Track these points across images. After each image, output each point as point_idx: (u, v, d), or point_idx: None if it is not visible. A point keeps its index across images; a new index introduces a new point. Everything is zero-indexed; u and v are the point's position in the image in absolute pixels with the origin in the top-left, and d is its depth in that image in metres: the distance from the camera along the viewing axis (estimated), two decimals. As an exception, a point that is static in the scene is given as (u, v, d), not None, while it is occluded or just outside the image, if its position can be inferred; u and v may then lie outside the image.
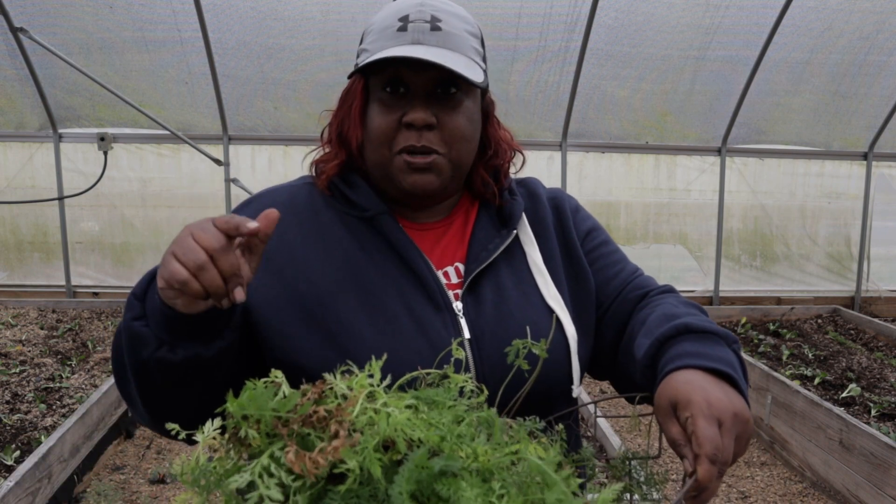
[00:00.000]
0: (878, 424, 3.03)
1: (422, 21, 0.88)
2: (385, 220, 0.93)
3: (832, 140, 5.41)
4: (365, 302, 0.88)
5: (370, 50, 0.89)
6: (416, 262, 0.91)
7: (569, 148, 5.23)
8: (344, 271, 0.90)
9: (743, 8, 4.53)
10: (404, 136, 0.89)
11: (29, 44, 4.24)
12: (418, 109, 0.87)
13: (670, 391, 0.73)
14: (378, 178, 0.95)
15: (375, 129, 0.90)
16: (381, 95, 0.90)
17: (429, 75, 0.87)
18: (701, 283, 5.58)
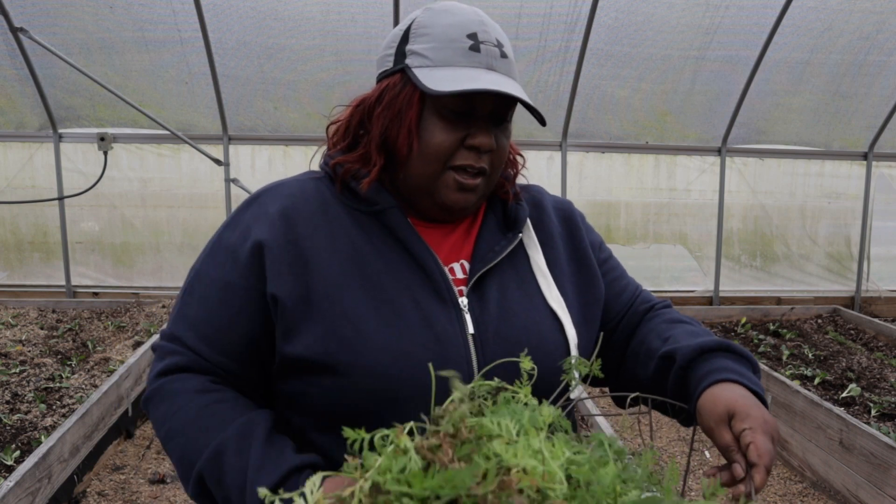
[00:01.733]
0: (878, 424, 3.03)
1: (491, 44, 0.90)
2: (394, 214, 0.93)
3: (832, 140, 5.41)
4: (372, 294, 0.88)
5: (432, 60, 0.88)
6: (424, 256, 0.92)
7: (569, 148, 5.23)
8: (351, 263, 0.89)
9: (743, 8, 4.53)
10: (463, 156, 0.90)
11: (29, 44, 4.24)
12: (485, 134, 0.89)
13: (728, 401, 0.81)
14: (416, 188, 0.94)
15: (436, 145, 0.89)
16: (444, 113, 0.89)
17: (495, 101, 0.90)
18: (701, 283, 5.58)
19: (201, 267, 0.95)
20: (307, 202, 0.94)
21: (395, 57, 0.93)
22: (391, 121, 0.91)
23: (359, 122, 0.96)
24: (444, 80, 0.85)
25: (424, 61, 0.89)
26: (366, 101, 0.95)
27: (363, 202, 0.94)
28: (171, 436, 0.88)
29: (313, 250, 0.89)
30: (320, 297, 0.87)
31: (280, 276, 0.87)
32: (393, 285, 0.89)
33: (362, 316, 0.86)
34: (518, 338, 0.90)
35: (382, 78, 0.95)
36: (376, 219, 0.93)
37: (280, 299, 0.87)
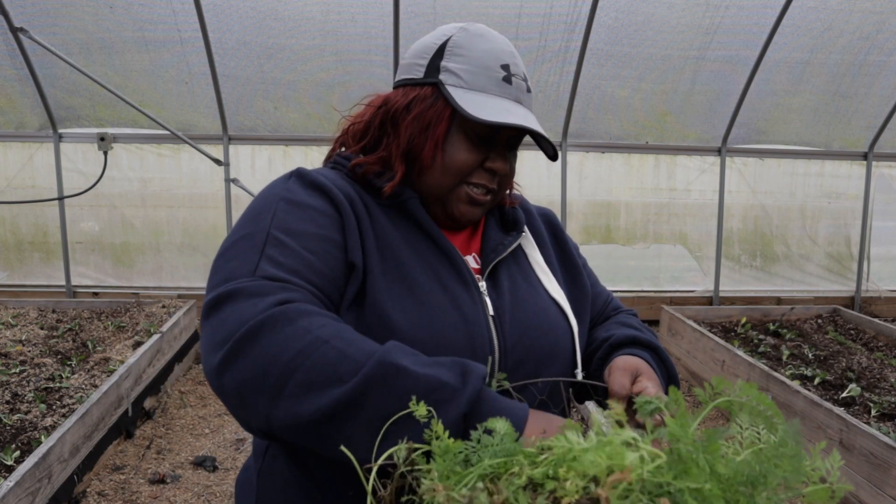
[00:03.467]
0: (878, 424, 3.03)
1: (520, 79, 1.00)
2: (415, 204, 0.98)
3: (832, 140, 5.41)
4: (403, 276, 0.92)
5: (467, 82, 0.95)
6: (446, 244, 0.98)
7: (569, 148, 5.23)
8: (384, 249, 0.94)
9: (743, 8, 4.53)
10: (479, 175, 0.98)
11: (29, 44, 4.25)
12: (503, 161, 0.99)
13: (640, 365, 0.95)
14: (427, 195, 1.00)
15: (459, 162, 0.96)
16: (471, 135, 0.96)
17: (515, 131, 0.99)
18: (701, 283, 5.58)
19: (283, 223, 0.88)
20: (349, 188, 0.98)
21: (427, 69, 0.97)
22: (419, 132, 0.96)
23: (380, 123, 1.00)
24: (479, 106, 0.92)
25: (459, 81, 0.95)
26: (390, 105, 0.99)
27: (389, 197, 0.99)
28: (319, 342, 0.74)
29: (365, 230, 0.93)
30: (367, 275, 0.91)
31: (356, 246, 0.91)
32: (422, 269, 0.93)
33: (398, 295, 0.90)
34: (531, 321, 0.97)
35: (407, 85, 0.99)
36: (398, 210, 0.99)
37: (357, 267, 0.89)
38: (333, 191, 0.94)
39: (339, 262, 0.89)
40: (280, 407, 0.72)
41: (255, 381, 0.72)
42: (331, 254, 0.88)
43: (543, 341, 0.97)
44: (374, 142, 1.01)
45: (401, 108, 0.97)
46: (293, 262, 0.84)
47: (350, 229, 0.91)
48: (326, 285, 0.86)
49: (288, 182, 0.95)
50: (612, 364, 0.95)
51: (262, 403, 0.73)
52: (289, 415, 0.72)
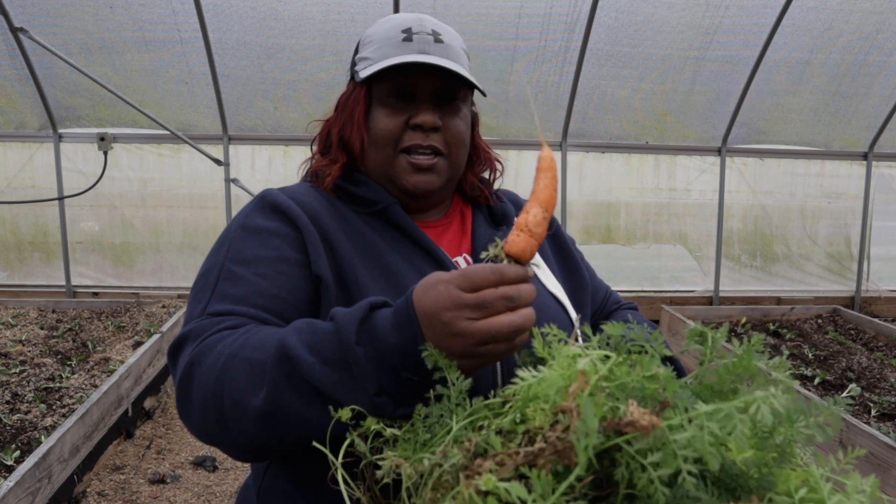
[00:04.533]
0: (878, 424, 3.03)
1: (425, 34, 0.97)
2: (397, 210, 0.99)
3: (832, 140, 5.41)
4: (394, 285, 0.92)
5: (373, 58, 0.97)
6: (433, 248, 0.98)
7: (569, 148, 5.23)
8: (369, 258, 0.94)
9: (743, 8, 4.53)
10: (410, 136, 0.96)
11: (29, 44, 4.24)
12: (427, 112, 0.96)
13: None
14: (379, 179, 1.01)
15: (382, 129, 0.96)
16: (387, 101, 0.97)
17: (435, 82, 0.96)
18: (701, 283, 5.58)
19: (238, 253, 0.93)
20: (317, 201, 0.99)
21: (351, 71, 1.04)
22: (345, 122, 1.02)
23: (327, 132, 1.07)
24: (376, 68, 0.94)
25: (367, 62, 0.98)
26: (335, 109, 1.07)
27: (365, 203, 1.00)
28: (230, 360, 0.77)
29: (337, 243, 0.94)
30: (351, 285, 0.91)
31: (320, 259, 0.91)
32: (411, 275, 0.93)
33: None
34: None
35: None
36: (379, 218, 0.99)
37: (324, 279, 0.90)
38: (291, 209, 0.95)
39: (298, 278, 0.91)
40: (233, 432, 0.77)
41: (204, 421, 0.79)
42: (286, 273, 0.91)
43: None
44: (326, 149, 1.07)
45: (337, 107, 1.06)
46: (242, 291, 0.88)
47: (312, 244, 0.92)
48: (278, 305, 0.89)
49: (250, 207, 0.99)
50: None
51: (222, 436, 0.79)
52: (243, 435, 0.77)
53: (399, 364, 0.70)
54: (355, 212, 1.00)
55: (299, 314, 0.89)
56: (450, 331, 0.67)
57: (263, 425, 0.75)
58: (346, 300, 0.90)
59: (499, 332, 0.66)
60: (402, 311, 0.71)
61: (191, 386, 0.80)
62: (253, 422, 0.75)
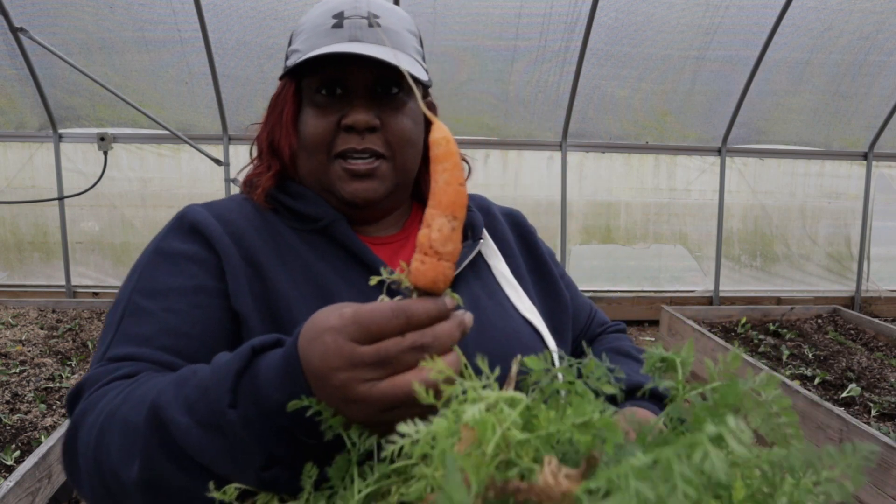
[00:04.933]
0: (878, 424, 3.03)
1: (358, 17, 0.83)
2: (341, 227, 0.86)
3: (832, 140, 5.41)
4: None
5: (302, 50, 0.84)
6: (380, 266, 0.82)
7: (569, 148, 5.23)
8: (309, 285, 0.81)
9: (743, 8, 4.53)
10: (343, 140, 0.83)
11: (29, 44, 4.24)
12: (360, 110, 0.82)
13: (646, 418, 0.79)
14: (316, 189, 0.89)
15: (311, 133, 0.84)
16: (316, 98, 0.84)
17: (369, 74, 0.83)
18: (701, 283, 5.58)
19: (148, 282, 0.80)
20: (247, 219, 0.86)
21: (285, 60, 0.91)
22: (274, 124, 0.89)
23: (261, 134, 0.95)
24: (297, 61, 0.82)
25: (298, 54, 0.84)
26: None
27: (306, 220, 0.87)
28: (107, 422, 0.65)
29: (267, 268, 0.80)
30: (286, 322, 0.77)
31: (240, 291, 0.78)
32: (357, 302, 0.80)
33: None
34: (500, 351, 0.81)
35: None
36: (323, 236, 0.87)
37: (244, 316, 0.77)
38: (210, 229, 0.82)
39: (216, 312, 0.78)
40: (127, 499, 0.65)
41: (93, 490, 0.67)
42: (202, 306, 0.78)
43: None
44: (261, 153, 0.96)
45: (268, 108, 0.92)
46: (147, 330, 0.76)
47: (232, 271, 0.79)
48: (190, 346, 0.76)
49: (167, 228, 0.87)
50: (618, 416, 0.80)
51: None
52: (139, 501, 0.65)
53: (292, 425, 0.55)
54: (294, 229, 0.86)
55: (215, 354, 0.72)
56: (345, 396, 0.52)
57: (149, 499, 0.62)
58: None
59: (409, 395, 0.50)
60: (290, 359, 0.55)
61: (75, 450, 0.68)
62: (137, 495, 0.63)
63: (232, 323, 0.78)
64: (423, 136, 0.91)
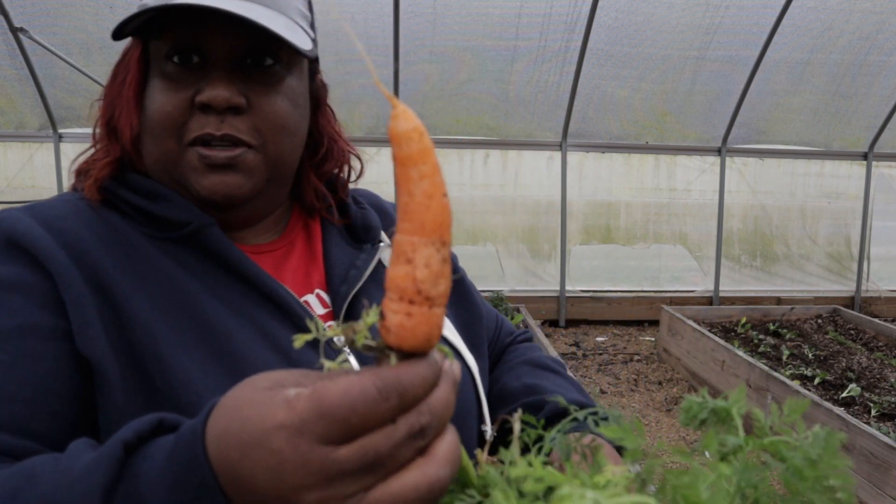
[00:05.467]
0: (878, 424, 3.03)
1: None
2: (214, 233, 0.66)
3: (832, 140, 5.42)
4: (217, 350, 0.60)
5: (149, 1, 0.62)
6: (272, 285, 0.66)
7: (569, 148, 5.23)
8: (178, 312, 0.61)
9: (743, 8, 4.53)
10: (199, 122, 0.64)
11: (29, 44, 4.24)
12: (219, 85, 0.63)
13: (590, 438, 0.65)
14: (164, 183, 0.69)
15: (157, 112, 0.64)
16: (165, 67, 0.64)
17: (236, 40, 0.64)
18: (701, 283, 5.58)
19: None
20: (87, 226, 0.64)
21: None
22: (115, 97, 0.68)
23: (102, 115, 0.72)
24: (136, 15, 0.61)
25: (142, 7, 0.62)
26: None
27: (165, 225, 0.66)
28: None
29: (121, 293, 0.60)
30: (151, 361, 0.58)
31: (89, 330, 0.57)
32: (244, 333, 0.62)
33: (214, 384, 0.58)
34: None
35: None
36: (186, 245, 0.66)
37: (96, 361, 0.57)
38: (39, 244, 0.59)
39: (52, 359, 0.56)
40: None
41: None
42: (30, 355, 0.56)
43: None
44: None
45: (110, 79, 0.70)
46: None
47: (74, 300, 0.57)
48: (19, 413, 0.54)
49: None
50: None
51: None
52: None
53: None
54: (148, 237, 0.65)
55: (61, 421, 0.55)
56: None
57: None
58: (143, 387, 0.57)
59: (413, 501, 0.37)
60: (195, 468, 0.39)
61: None
62: None
63: (80, 373, 0.57)
64: (307, 122, 0.75)
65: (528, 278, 5.43)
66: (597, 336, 5.19)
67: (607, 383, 4.20)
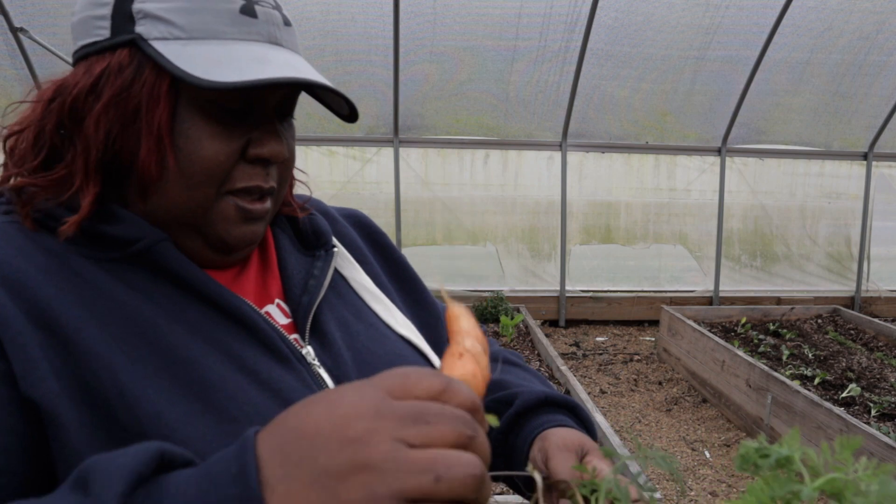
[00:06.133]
0: (878, 424, 3.03)
1: (269, 6, 0.62)
2: (168, 250, 0.61)
3: (832, 140, 5.42)
4: (183, 378, 0.56)
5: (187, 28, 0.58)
6: (233, 302, 0.62)
7: (569, 148, 5.23)
8: (133, 338, 0.56)
9: (743, 8, 4.54)
10: (245, 173, 0.62)
11: (29, 44, 4.25)
12: (275, 139, 0.63)
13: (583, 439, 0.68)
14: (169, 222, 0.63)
15: (208, 159, 0.59)
16: (214, 111, 0.60)
17: (282, 93, 0.64)
18: (701, 283, 5.58)
19: None
20: (23, 254, 0.57)
21: (114, 20, 0.59)
22: (123, 124, 0.59)
23: (56, 125, 0.61)
24: (213, 62, 0.56)
25: (171, 30, 0.58)
26: (67, 94, 0.60)
27: (110, 244, 0.60)
28: None
29: (69, 326, 0.54)
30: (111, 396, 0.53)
31: (36, 372, 0.51)
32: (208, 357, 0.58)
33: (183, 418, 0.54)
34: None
35: (89, 56, 0.61)
36: (139, 265, 0.61)
37: (50, 410, 0.51)
38: None
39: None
40: None
41: None
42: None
43: None
44: (53, 157, 0.62)
45: (83, 93, 0.59)
46: None
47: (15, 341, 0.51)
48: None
49: None
50: (545, 442, 0.68)
51: None
52: None
53: None
54: (91, 259, 0.59)
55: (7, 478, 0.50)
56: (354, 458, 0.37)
57: None
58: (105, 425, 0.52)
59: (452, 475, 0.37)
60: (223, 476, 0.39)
61: None
62: None
63: (26, 424, 0.51)
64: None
65: (528, 278, 5.43)
66: (597, 336, 5.20)
67: (607, 383, 4.21)
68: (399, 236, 5.25)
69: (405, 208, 5.23)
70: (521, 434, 0.73)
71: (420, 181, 5.24)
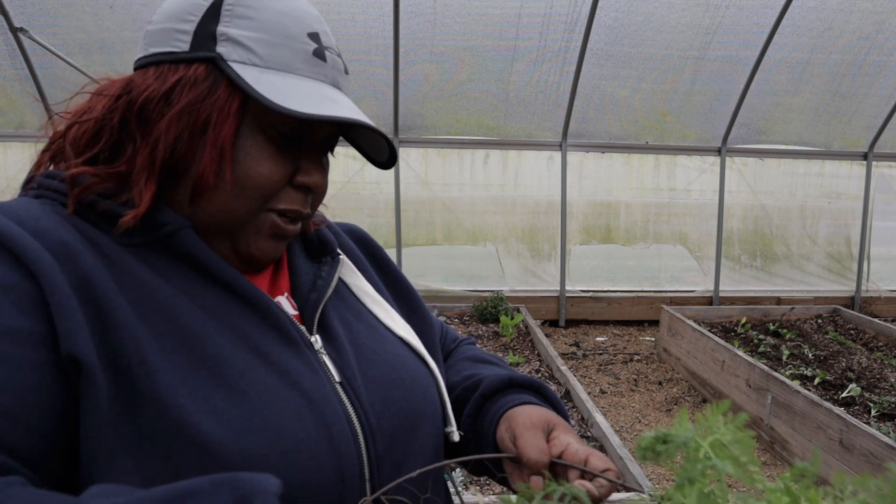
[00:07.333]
0: (878, 424, 3.03)
1: (334, 53, 0.70)
2: (189, 236, 0.65)
3: (832, 140, 5.42)
4: (198, 354, 0.60)
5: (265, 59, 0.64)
6: (246, 287, 0.66)
7: (569, 148, 5.23)
8: (155, 316, 0.60)
9: (743, 8, 4.54)
10: (289, 197, 0.68)
11: (29, 44, 4.25)
12: (319, 170, 0.70)
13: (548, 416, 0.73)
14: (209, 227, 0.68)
15: (263, 176, 0.65)
16: (273, 136, 0.66)
17: (329, 130, 0.70)
18: (701, 283, 5.58)
19: None
20: (64, 228, 0.61)
21: (196, 38, 0.66)
22: (191, 134, 0.63)
23: (120, 122, 0.65)
24: (286, 93, 0.63)
25: (250, 56, 0.64)
26: (136, 94, 0.65)
27: (141, 230, 0.64)
28: None
29: (104, 298, 0.58)
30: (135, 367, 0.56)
31: (78, 332, 0.55)
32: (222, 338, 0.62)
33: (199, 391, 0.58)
34: (389, 377, 0.72)
35: (163, 63, 0.67)
36: (162, 251, 0.65)
37: (85, 362, 0.54)
38: (24, 245, 0.56)
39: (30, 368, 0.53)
40: None
41: None
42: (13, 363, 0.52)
43: (412, 401, 0.72)
44: (111, 150, 0.66)
45: (155, 97, 0.64)
46: None
47: (62, 304, 0.55)
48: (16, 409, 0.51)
49: None
50: (512, 422, 0.72)
51: None
52: None
53: None
54: (118, 243, 0.63)
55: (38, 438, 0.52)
56: None
57: None
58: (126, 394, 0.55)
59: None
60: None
61: None
62: None
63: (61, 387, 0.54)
64: None
65: (528, 278, 5.43)
66: (597, 336, 5.20)
67: (607, 383, 4.21)
68: (399, 236, 5.25)
69: (405, 208, 5.24)
70: (486, 416, 0.78)
71: (420, 181, 5.24)
